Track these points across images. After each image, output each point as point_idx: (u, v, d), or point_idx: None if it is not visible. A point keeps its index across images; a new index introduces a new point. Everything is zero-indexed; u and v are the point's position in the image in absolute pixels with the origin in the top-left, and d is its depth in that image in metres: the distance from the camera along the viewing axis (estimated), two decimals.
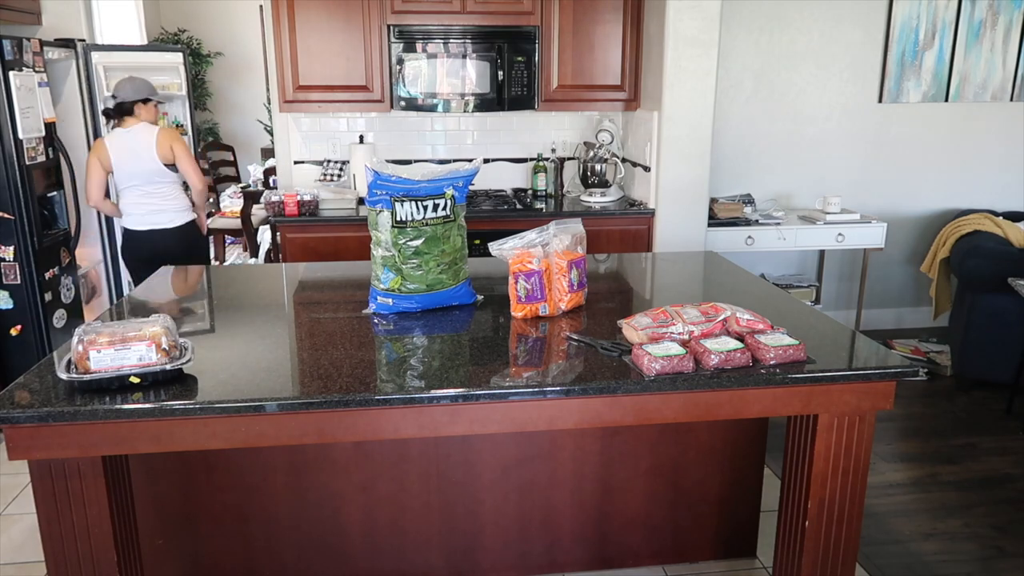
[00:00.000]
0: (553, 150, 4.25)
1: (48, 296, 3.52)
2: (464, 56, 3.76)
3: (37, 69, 3.45)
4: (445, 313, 2.17)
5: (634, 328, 1.87)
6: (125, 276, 4.43)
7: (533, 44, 3.79)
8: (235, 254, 6.20)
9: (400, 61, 3.73)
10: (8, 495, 2.92)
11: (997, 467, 3.15)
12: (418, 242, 2.07)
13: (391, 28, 3.70)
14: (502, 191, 4.25)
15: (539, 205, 3.96)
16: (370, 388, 1.65)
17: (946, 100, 4.48)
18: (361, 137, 4.10)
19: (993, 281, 3.66)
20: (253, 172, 6.73)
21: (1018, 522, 2.76)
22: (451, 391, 1.64)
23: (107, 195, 3.58)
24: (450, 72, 3.78)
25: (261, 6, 4.28)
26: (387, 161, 4.21)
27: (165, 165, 3.50)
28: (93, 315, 4.11)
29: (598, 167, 3.99)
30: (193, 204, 3.72)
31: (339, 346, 1.90)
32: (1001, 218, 4.12)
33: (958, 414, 3.65)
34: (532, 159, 4.28)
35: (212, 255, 5.89)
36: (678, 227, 3.79)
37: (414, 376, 1.73)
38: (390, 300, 2.12)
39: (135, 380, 1.60)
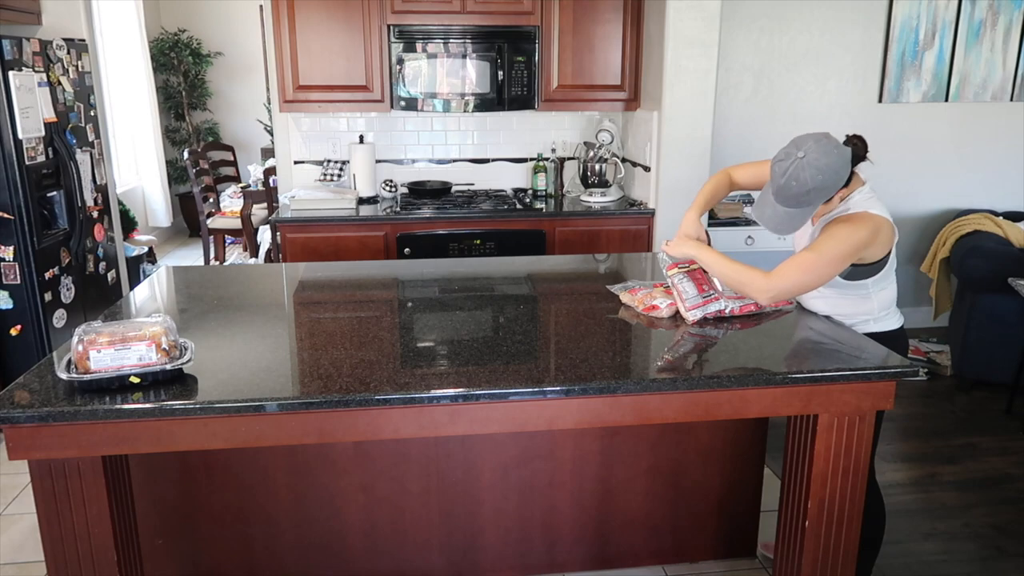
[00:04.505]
0: (553, 150, 4.25)
1: (48, 296, 3.52)
2: (464, 56, 3.76)
3: (37, 69, 3.45)
4: (443, 313, 2.17)
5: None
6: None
7: (533, 44, 3.78)
8: (235, 254, 6.20)
9: (400, 61, 3.73)
10: (8, 495, 2.92)
11: (997, 467, 3.15)
12: None
13: (391, 28, 3.70)
14: (502, 191, 4.25)
15: (539, 205, 3.95)
16: (370, 388, 1.65)
17: (946, 100, 4.48)
18: (361, 137, 4.09)
19: (993, 281, 3.65)
20: (253, 172, 6.74)
21: (1018, 522, 2.76)
22: (451, 391, 1.65)
23: None
24: (450, 72, 3.78)
25: (261, 6, 4.28)
26: (387, 161, 4.23)
27: None
28: None
29: (598, 167, 3.99)
30: None
31: (339, 346, 1.90)
32: (1001, 218, 4.12)
33: (958, 414, 3.65)
34: (532, 159, 4.28)
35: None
36: (678, 227, 3.78)
37: (414, 376, 1.73)
38: None
39: (135, 380, 1.60)
